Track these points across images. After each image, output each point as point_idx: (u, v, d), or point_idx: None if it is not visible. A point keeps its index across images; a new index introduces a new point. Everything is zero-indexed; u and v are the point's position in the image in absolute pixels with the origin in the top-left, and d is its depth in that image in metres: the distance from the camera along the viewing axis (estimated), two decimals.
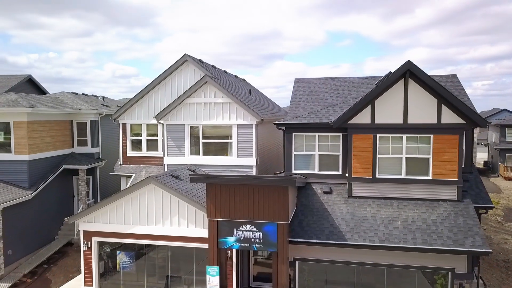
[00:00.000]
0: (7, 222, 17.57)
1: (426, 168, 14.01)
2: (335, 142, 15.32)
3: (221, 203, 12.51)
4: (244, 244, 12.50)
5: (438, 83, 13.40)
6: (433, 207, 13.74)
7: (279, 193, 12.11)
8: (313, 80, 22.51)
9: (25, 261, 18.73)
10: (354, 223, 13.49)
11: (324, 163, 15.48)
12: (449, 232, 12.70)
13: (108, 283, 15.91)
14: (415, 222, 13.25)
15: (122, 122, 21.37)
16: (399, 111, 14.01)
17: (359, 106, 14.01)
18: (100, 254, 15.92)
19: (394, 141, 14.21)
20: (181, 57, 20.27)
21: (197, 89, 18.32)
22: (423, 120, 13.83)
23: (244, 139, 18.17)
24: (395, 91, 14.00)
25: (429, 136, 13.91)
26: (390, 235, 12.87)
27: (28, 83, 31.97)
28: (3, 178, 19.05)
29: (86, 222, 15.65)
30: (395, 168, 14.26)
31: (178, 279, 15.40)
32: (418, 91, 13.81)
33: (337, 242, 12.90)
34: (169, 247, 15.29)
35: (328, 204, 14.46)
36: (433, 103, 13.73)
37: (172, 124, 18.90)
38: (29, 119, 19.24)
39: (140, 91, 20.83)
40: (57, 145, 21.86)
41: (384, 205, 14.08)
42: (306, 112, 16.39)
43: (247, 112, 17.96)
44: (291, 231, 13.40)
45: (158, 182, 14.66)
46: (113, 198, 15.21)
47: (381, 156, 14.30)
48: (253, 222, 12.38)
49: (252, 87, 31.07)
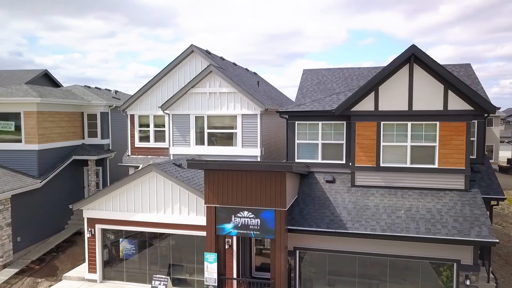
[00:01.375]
0: (16, 209, 17.92)
1: (432, 156, 13.55)
2: (339, 130, 14.99)
3: (218, 189, 12.40)
4: (241, 231, 12.36)
5: (444, 68, 12.92)
6: (439, 197, 13.27)
7: (276, 180, 11.91)
8: (321, 71, 22.19)
9: (34, 248, 19.08)
10: (356, 212, 13.16)
11: (327, 152, 15.17)
12: (454, 222, 12.24)
13: (112, 270, 16.03)
14: (419, 211, 12.83)
15: (130, 113, 21.54)
16: (404, 98, 13.58)
17: (361, 93, 13.66)
18: (104, 242, 16.05)
19: (399, 128, 13.80)
20: (188, 48, 20.26)
21: (202, 79, 18.25)
22: (429, 107, 13.37)
23: (248, 129, 18.01)
24: (399, 77, 13.58)
25: (435, 123, 13.44)
26: (393, 224, 12.50)
27: (44, 77, 32.66)
28: (14, 167, 19.45)
29: (90, 210, 15.81)
30: (400, 157, 13.84)
31: (180, 268, 15.38)
32: (423, 76, 13.36)
33: (337, 230, 12.62)
34: (171, 236, 15.29)
35: (330, 193, 14.17)
36: (439, 89, 13.25)
37: (177, 114, 18.90)
38: (39, 109, 19.57)
39: (148, 82, 20.94)
40: (67, 136, 22.19)
41: (388, 194, 13.69)
42: (310, 100, 16.11)
43: (251, 102, 17.79)
44: (291, 219, 13.18)
45: (159, 169, 14.66)
46: (115, 186, 15.30)
47: (385, 144, 13.91)
48: (250, 209, 12.22)
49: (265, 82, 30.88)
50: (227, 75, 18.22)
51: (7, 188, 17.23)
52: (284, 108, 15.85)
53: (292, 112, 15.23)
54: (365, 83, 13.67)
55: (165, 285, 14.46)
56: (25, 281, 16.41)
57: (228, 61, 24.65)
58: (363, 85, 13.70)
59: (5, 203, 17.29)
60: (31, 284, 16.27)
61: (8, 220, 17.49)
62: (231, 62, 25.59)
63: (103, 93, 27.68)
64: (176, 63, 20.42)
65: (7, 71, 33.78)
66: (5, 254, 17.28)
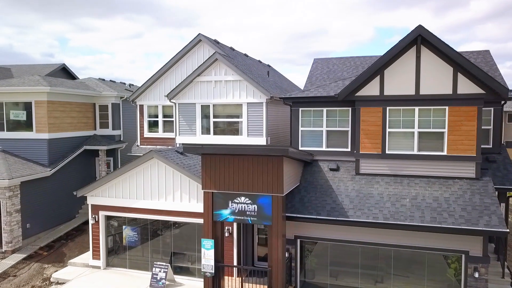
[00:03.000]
0: (25, 196, 18.23)
1: (440, 143, 12.89)
2: (344, 117, 14.48)
3: (215, 175, 12.16)
4: (238, 217, 12.08)
5: (453, 49, 12.24)
6: (447, 185, 12.61)
7: (273, 164, 11.57)
8: (332, 60, 21.65)
9: (44, 235, 19.39)
10: (359, 200, 12.67)
11: (332, 139, 14.69)
12: (462, 211, 11.59)
13: (115, 257, 16.07)
14: (425, 200, 12.22)
15: (140, 104, 21.59)
16: (411, 82, 12.97)
17: (365, 76, 13.12)
18: (108, 229, 16.11)
19: (406, 114, 13.19)
20: (195, 37, 20.11)
21: (208, 67, 18.06)
22: (437, 91, 12.72)
23: (254, 117, 17.71)
24: (406, 60, 12.98)
25: (444, 108, 12.78)
26: (396, 212, 11.95)
27: (62, 71, 33.24)
28: (25, 155, 19.82)
29: (94, 196, 15.88)
30: (407, 143, 13.24)
31: (182, 256, 15.25)
32: (431, 58, 12.71)
33: (337, 218, 12.17)
34: (174, 224, 15.19)
35: (333, 181, 13.71)
36: (448, 72, 12.58)
37: (183, 103, 18.79)
38: (49, 98, 19.85)
39: (156, 72, 20.92)
40: (79, 126, 22.47)
41: (393, 183, 13.12)
42: (314, 87, 15.66)
43: (257, 90, 17.47)
44: (291, 207, 12.81)
45: (160, 155, 14.56)
46: (118, 172, 15.31)
47: (391, 130, 13.33)
48: (247, 194, 11.93)
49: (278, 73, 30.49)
50: (234, 64, 17.96)
51: (16, 175, 17.54)
52: (288, 94, 15.45)
53: (296, 98, 14.82)
54: (369, 67, 13.13)
55: (165, 272, 14.37)
56: (32, 266, 16.66)
57: (238, 51, 24.40)
58: (367, 68, 13.16)
59: (14, 190, 17.61)
60: (37, 269, 16.51)
61: (18, 206, 17.81)
62: (242, 53, 25.32)
63: (117, 85, 27.95)
64: (184, 52, 20.31)
65: (27, 65, 34.60)
66: (14, 239, 17.61)
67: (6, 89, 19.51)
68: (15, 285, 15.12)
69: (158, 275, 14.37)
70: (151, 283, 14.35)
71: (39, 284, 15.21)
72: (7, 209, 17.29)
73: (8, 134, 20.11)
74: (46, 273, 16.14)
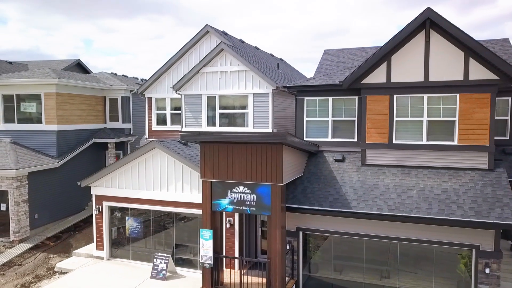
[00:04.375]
0: (33, 187, 18.37)
1: (451, 132, 12.25)
2: (351, 106, 13.96)
3: (214, 163, 11.86)
4: (237, 207, 11.75)
5: (464, 32, 11.58)
6: (457, 176, 11.97)
7: (272, 153, 11.18)
8: (343, 51, 21.09)
9: (52, 226, 19.53)
10: (363, 191, 12.15)
11: (338, 130, 14.20)
12: (473, 203, 10.94)
13: (118, 249, 15.99)
14: (433, 191, 11.62)
15: (148, 96, 21.50)
16: (420, 68, 12.36)
17: (371, 63, 12.58)
18: (113, 221, 16.05)
19: (414, 102, 12.59)
20: (203, 28, 19.87)
21: (213, 58, 17.78)
22: (448, 77, 12.08)
23: (260, 108, 17.34)
24: (414, 45, 12.38)
25: (454, 96, 12.13)
26: (402, 204, 11.39)
27: (76, 66, 33.78)
28: (35, 147, 20.01)
29: (98, 187, 15.85)
30: (415, 133, 12.64)
31: (184, 248, 15.04)
32: (441, 43, 12.08)
33: (340, 210, 11.69)
34: (176, 215, 14.99)
35: (338, 172, 13.22)
36: (459, 57, 11.93)
37: (189, 94, 18.59)
38: (58, 90, 19.98)
39: (164, 64, 20.77)
40: (88, 119, 22.58)
41: (400, 174, 12.55)
42: (320, 75, 15.18)
43: (263, 80, 17.10)
44: (293, 197, 12.41)
45: (162, 145, 14.38)
46: (121, 162, 15.21)
47: (399, 119, 12.76)
48: (246, 184, 11.59)
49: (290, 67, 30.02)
50: (240, 54, 17.63)
51: (24, 166, 17.68)
52: (292, 83, 15.03)
53: (301, 87, 14.38)
54: (374, 52, 12.59)
55: (166, 263, 14.18)
56: (38, 256, 16.75)
57: (248, 44, 24.06)
58: (372, 54, 12.62)
59: (22, 180, 17.77)
60: (43, 259, 16.59)
61: (25, 196, 17.96)
62: (253, 46, 24.96)
63: (128, 80, 28.02)
64: (191, 44, 20.09)
65: (44, 61, 35.25)
66: (21, 229, 17.77)
67: (16, 81, 19.74)
68: (20, 274, 15.21)
69: (159, 266, 14.19)
70: (152, 274, 14.18)
71: (43, 273, 15.25)
72: (14, 199, 17.45)
73: (18, 126, 20.34)
74: (51, 263, 16.20)
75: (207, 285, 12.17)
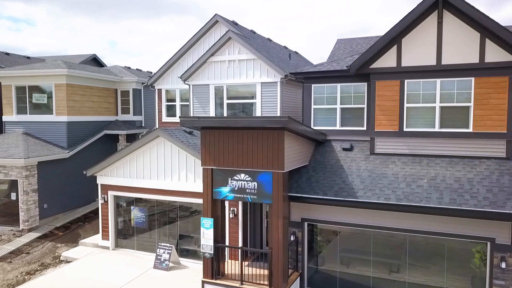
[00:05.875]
0: (42, 177, 18.47)
1: (465, 118, 11.54)
2: (360, 93, 13.38)
3: (215, 150, 11.51)
4: (238, 195, 11.38)
5: (480, 11, 10.85)
6: (472, 165, 11.25)
7: (274, 139, 10.75)
8: (356, 40, 20.42)
9: (62, 216, 19.62)
10: (371, 181, 11.58)
11: (347, 118, 13.62)
12: (487, 192, 10.24)
13: (123, 239, 15.87)
14: (445, 180, 10.95)
15: (158, 88, 21.38)
16: (432, 51, 11.68)
17: (380, 45, 11.97)
18: (118, 211, 15.94)
19: (426, 87, 11.93)
20: (211, 18, 19.57)
21: (221, 46, 17.45)
22: (462, 60, 11.37)
23: (268, 98, 16.91)
24: (426, 26, 11.71)
25: (469, 80, 11.41)
26: (411, 193, 10.78)
27: (92, 61, 34.13)
28: (46, 138, 20.15)
29: (103, 176, 15.76)
30: (427, 120, 11.97)
31: (189, 239, 14.79)
32: (455, 23, 11.37)
33: (345, 199, 11.16)
34: (180, 205, 14.74)
35: (345, 161, 12.67)
36: (475, 38, 11.20)
37: (197, 84, 18.32)
38: (68, 81, 20.04)
39: (173, 55, 20.58)
40: (100, 111, 22.62)
41: (410, 163, 11.91)
42: (329, 61, 14.63)
43: (271, 69, 16.66)
44: (297, 187, 11.95)
45: (165, 133, 14.15)
46: (125, 151, 15.06)
47: (410, 105, 12.11)
48: (247, 171, 11.19)
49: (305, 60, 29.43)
50: (248, 43, 17.24)
51: (33, 155, 17.78)
52: (299, 69, 14.53)
53: (308, 73, 13.88)
54: (383, 35, 11.96)
55: (169, 253, 13.95)
56: (46, 245, 16.81)
57: (260, 35, 23.62)
58: (381, 37, 12.00)
59: (31, 170, 17.88)
60: (50, 248, 16.63)
61: (34, 186, 18.07)
62: (265, 38, 24.53)
63: (142, 73, 28.04)
64: (200, 34, 19.83)
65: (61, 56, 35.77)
66: (30, 218, 17.88)
67: (27, 72, 19.91)
68: (26, 262, 15.27)
69: (162, 256, 13.97)
70: (155, 264, 13.97)
71: (49, 261, 15.27)
72: (23, 188, 17.57)
73: (30, 117, 20.53)
74: (58, 252, 16.22)
75: (208, 276, 11.84)
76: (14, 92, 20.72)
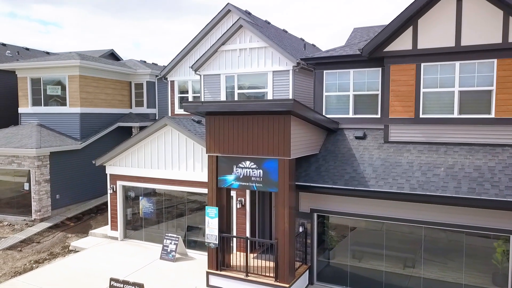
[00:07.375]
0: (55, 167, 18.54)
1: (487, 103, 10.77)
2: (374, 79, 12.76)
3: (220, 137, 11.12)
4: (243, 183, 10.95)
5: None
6: (494, 153, 10.48)
7: (280, 124, 10.26)
8: (374, 28, 19.62)
9: (74, 207, 19.69)
10: (383, 169, 10.95)
11: (360, 105, 13.03)
12: (510, 182, 9.47)
13: (132, 229, 15.70)
14: (464, 169, 10.22)
15: (170, 80, 21.19)
16: (450, 31, 10.95)
17: (395, 26, 11.30)
18: (127, 201, 15.77)
19: (444, 70, 11.20)
20: (224, 7, 19.20)
21: (232, 35, 17.06)
22: (483, 40, 10.60)
23: (280, 87, 16.42)
24: (444, 5, 10.97)
25: (491, 61, 10.64)
26: (426, 182, 10.10)
27: (110, 56, 34.32)
28: (59, 129, 20.27)
29: (112, 166, 15.62)
30: (445, 106, 11.25)
31: (197, 230, 14.47)
32: (475, 1, 10.61)
33: (356, 188, 10.57)
34: (188, 195, 14.44)
35: (357, 149, 12.07)
36: (497, 16, 10.41)
37: (208, 74, 17.99)
38: (81, 73, 20.07)
39: (185, 46, 20.34)
40: (113, 103, 22.62)
41: (427, 151, 11.20)
42: (341, 46, 14.02)
43: (283, 57, 16.16)
44: (305, 176, 11.43)
45: (173, 122, 13.86)
46: (133, 141, 14.86)
47: (427, 90, 11.41)
48: (252, 158, 10.75)
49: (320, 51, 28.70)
50: (261, 31, 16.77)
51: (44, 145, 17.85)
52: (310, 55, 13.98)
53: (319, 58, 13.32)
54: (398, 15, 11.29)
55: (175, 244, 13.66)
56: (56, 235, 16.83)
57: (275, 26, 23.10)
58: (395, 17, 11.32)
59: (44, 160, 17.95)
60: (61, 238, 16.64)
61: (47, 176, 18.15)
62: (281, 28, 23.99)
63: (157, 67, 27.97)
64: (212, 24, 19.50)
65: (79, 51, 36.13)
66: (42, 208, 17.96)
67: (41, 63, 20.05)
68: (36, 251, 15.28)
69: (168, 247, 13.69)
70: (161, 255, 13.71)
71: (58, 251, 15.24)
72: (36, 178, 17.66)
73: (44, 109, 20.70)
74: (68, 242, 16.20)
75: (213, 267, 11.47)
76: (29, 84, 20.92)
